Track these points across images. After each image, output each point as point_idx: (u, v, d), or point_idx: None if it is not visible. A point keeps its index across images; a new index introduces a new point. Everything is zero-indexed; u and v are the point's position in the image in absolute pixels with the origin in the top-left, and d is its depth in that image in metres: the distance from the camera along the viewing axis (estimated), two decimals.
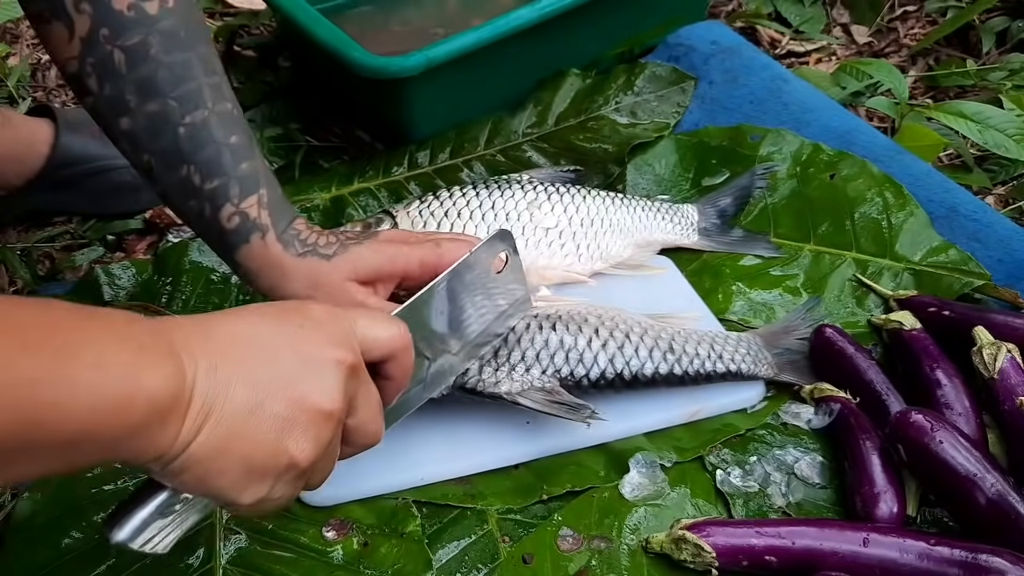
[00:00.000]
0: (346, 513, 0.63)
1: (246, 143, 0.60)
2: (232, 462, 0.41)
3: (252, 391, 0.41)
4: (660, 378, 0.68)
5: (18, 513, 0.62)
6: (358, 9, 1.09)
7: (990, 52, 1.12)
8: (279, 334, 0.44)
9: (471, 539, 0.62)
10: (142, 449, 0.38)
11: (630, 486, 0.64)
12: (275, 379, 0.42)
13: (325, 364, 0.44)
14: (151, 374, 0.37)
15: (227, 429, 0.40)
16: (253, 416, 0.41)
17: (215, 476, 0.41)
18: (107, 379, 0.36)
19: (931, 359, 0.68)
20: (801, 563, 0.58)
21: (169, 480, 0.41)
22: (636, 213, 0.83)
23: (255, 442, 0.42)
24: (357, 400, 0.47)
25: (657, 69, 1.01)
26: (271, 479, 0.43)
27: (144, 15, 0.56)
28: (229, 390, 0.41)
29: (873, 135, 0.92)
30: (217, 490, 0.42)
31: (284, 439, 0.43)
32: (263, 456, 0.42)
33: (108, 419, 0.36)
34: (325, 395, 0.44)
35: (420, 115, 0.94)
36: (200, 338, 0.41)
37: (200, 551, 0.60)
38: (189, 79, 0.58)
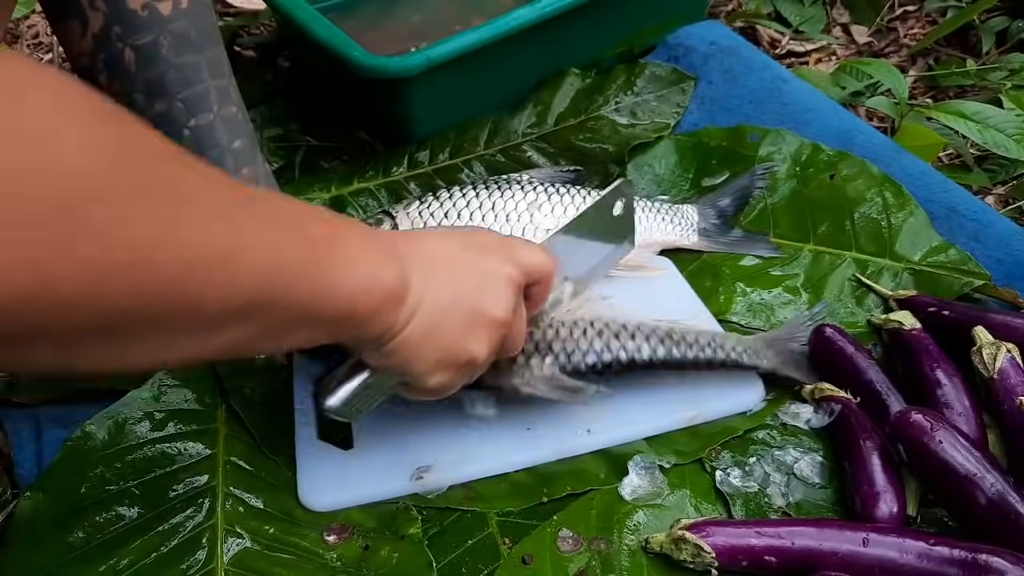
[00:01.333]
0: (347, 517, 0.63)
1: (248, 148, 0.61)
2: (430, 350, 0.50)
3: (448, 295, 0.50)
4: (658, 361, 0.68)
5: (19, 513, 0.62)
6: (358, 9, 1.09)
7: (990, 52, 1.13)
8: (465, 253, 0.53)
9: (471, 541, 0.62)
10: (372, 330, 0.47)
11: (630, 488, 0.65)
12: (463, 289, 0.51)
13: (499, 279, 0.53)
14: (386, 270, 0.46)
15: (430, 322, 0.49)
16: (448, 315, 0.50)
17: (416, 360, 0.50)
18: (360, 270, 0.44)
19: (931, 359, 0.68)
20: (801, 563, 0.58)
21: (381, 360, 0.50)
22: (636, 213, 0.83)
23: (448, 336, 0.51)
24: (516, 313, 0.55)
25: (657, 69, 1.01)
26: (453, 369, 0.53)
27: (157, 15, 0.57)
28: (432, 292, 0.49)
29: (873, 135, 0.92)
30: (415, 371, 0.51)
31: (468, 337, 0.52)
32: (453, 348, 0.51)
33: (359, 301, 0.44)
34: (500, 306, 0.53)
35: (420, 115, 0.94)
36: (412, 250, 0.50)
37: (201, 553, 0.60)
38: (197, 82, 0.58)
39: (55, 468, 0.65)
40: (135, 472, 0.65)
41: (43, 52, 1.19)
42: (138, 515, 0.62)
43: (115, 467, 0.65)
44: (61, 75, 0.30)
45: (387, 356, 0.49)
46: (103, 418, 0.68)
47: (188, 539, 0.61)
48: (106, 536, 0.61)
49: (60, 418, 0.70)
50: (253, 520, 0.62)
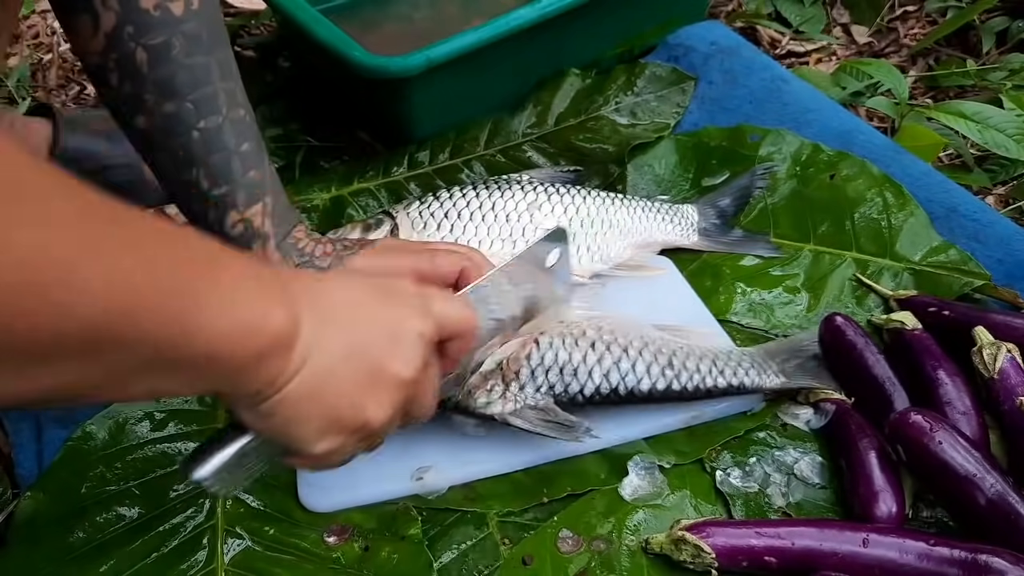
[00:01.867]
0: (347, 518, 0.63)
1: (256, 150, 0.61)
2: (317, 410, 0.44)
3: (346, 349, 0.44)
4: (658, 394, 0.66)
5: (20, 513, 0.62)
6: (358, 9, 1.09)
7: (990, 52, 1.13)
8: (373, 303, 0.48)
9: (471, 542, 0.62)
10: (248, 383, 0.41)
11: (630, 488, 0.65)
12: (365, 342, 0.46)
13: (408, 333, 0.48)
14: (275, 312, 0.40)
15: (319, 379, 0.43)
16: (342, 372, 0.44)
17: (299, 422, 0.44)
18: (240, 307, 0.38)
19: (933, 359, 0.68)
20: (801, 563, 0.58)
21: (257, 421, 0.44)
22: (636, 214, 0.83)
23: (340, 395, 0.45)
24: (426, 373, 0.50)
25: (657, 69, 1.01)
26: (345, 434, 0.46)
27: (170, 15, 0.57)
28: (326, 344, 0.43)
29: (873, 135, 0.92)
30: (297, 435, 0.45)
31: (365, 398, 0.46)
32: (344, 410, 0.45)
33: (236, 345, 0.38)
34: (405, 364, 0.47)
35: (420, 115, 0.94)
36: (309, 294, 0.44)
37: (201, 553, 0.60)
38: (207, 83, 0.58)
39: (55, 468, 0.65)
40: (135, 472, 0.65)
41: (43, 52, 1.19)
42: (138, 515, 0.62)
43: (115, 467, 0.65)
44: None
45: (264, 417, 0.43)
46: (103, 418, 0.68)
47: (188, 539, 0.61)
48: (106, 536, 0.61)
49: (60, 418, 0.70)
50: (253, 521, 0.62)
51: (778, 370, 0.69)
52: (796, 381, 0.69)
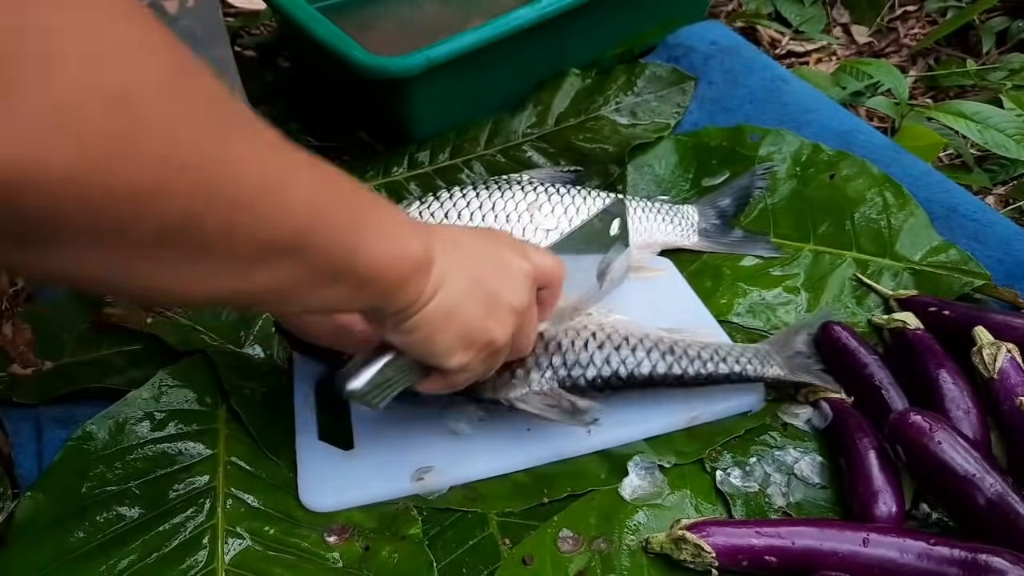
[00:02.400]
0: (347, 518, 0.63)
1: None
2: (452, 326, 0.51)
3: (470, 276, 0.52)
4: (658, 377, 0.67)
5: (20, 513, 0.62)
6: (358, 9, 1.09)
7: (990, 52, 1.13)
8: (486, 243, 0.56)
9: (472, 542, 0.62)
10: (397, 300, 0.48)
11: (630, 488, 0.65)
12: (484, 273, 0.53)
13: (517, 272, 0.56)
14: (414, 242, 0.48)
15: (452, 300, 0.50)
16: (469, 295, 0.52)
17: (437, 336, 0.51)
18: (392, 237, 0.46)
19: (935, 359, 0.68)
20: (801, 563, 0.58)
21: (403, 336, 0.51)
22: (636, 214, 0.83)
23: (470, 314, 0.52)
24: (528, 310, 0.57)
25: (657, 69, 1.01)
26: (474, 350, 0.54)
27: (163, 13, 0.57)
28: (455, 271, 0.51)
29: (873, 135, 0.92)
30: (437, 348, 0.52)
31: (488, 319, 0.53)
32: (475, 327, 0.53)
33: (389, 266, 0.46)
34: (516, 295, 0.55)
35: (420, 115, 0.94)
36: (438, 232, 0.52)
37: (201, 553, 0.60)
38: None
39: (55, 468, 0.65)
40: (136, 472, 0.65)
41: None
42: (139, 515, 0.62)
43: (116, 467, 0.65)
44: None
45: (409, 332, 0.50)
46: (104, 418, 0.68)
47: (189, 539, 0.61)
48: (107, 536, 0.61)
49: (60, 418, 0.70)
50: (254, 521, 0.62)
51: (781, 362, 0.69)
52: (796, 374, 0.69)
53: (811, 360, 0.71)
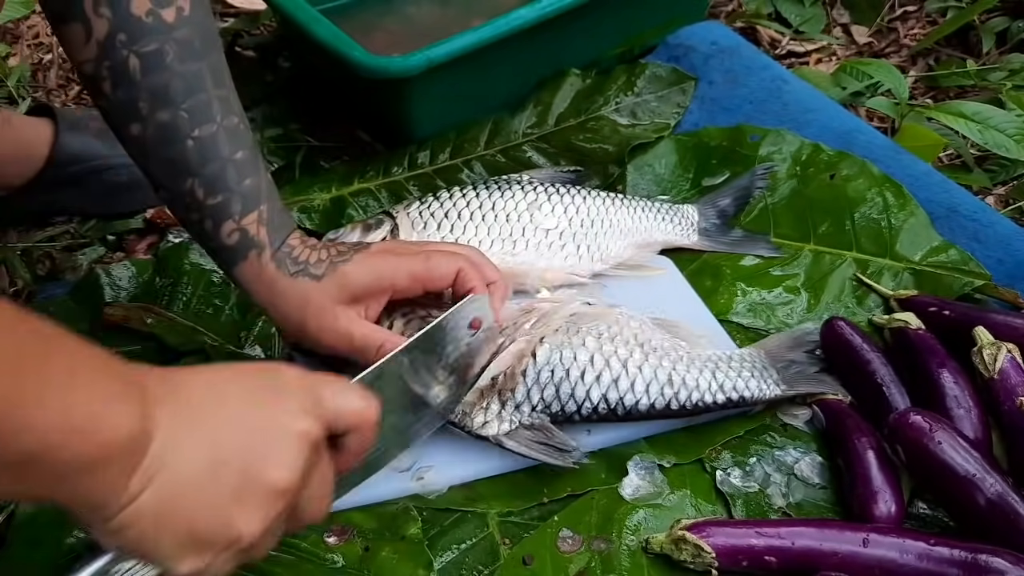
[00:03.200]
0: (347, 518, 0.63)
1: (251, 158, 0.61)
2: (175, 526, 0.39)
3: (210, 455, 0.40)
4: (655, 413, 0.66)
5: (20, 513, 0.62)
6: (358, 9, 1.09)
7: (990, 52, 1.13)
8: (249, 398, 0.43)
9: (471, 542, 0.62)
10: (88, 490, 0.37)
11: (630, 488, 0.64)
12: (236, 447, 0.41)
13: (289, 436, 0.43)
14: (118, 411, 0.37)
15: (176, 489, 0.39)
16: (206, 481, 0.40)
17: (156, 538, 0.39)
18: (74, 401, 0.35)
19: (937, 358, 0.68)
20: (801, 563, 0.58)
21: (109, 539, 0.39)
22: (636, 214, 0.83)
23: (203, 509, 0.40)
24: (312, 475, 0.45)
25: (657, 69, 1.01)
26: (212, 551, 0.41)
27: (161, 22, 0.56)
28: (187, 449, 0.39)
29: (873, 135, 0.92)
30: (156, 554, 0.40)
31: (233, 511, 0.41)
32: (209, 525, 0.40)
33: (67, 442, 0.35)
34: (284, 471, 0.42)
35: (420, 115, 0.94)
36: (169, 389, 0.40)
37: None
38: (201, 90, 0.58)
39: None
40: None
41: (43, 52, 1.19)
42: None
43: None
44: None
45: (116, 532, 0.38)
46: None
47: None
48: None
49: None
50: None
51: (778, 378, 0.68)
52: (796, 388, 0.68)
53: (808, 367, 0.70)
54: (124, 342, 0.76)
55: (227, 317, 0.80)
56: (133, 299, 0.81)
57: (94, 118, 0.90)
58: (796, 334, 0.73)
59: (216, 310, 0.80)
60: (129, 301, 0.80)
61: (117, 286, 0.82)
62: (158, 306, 0.78)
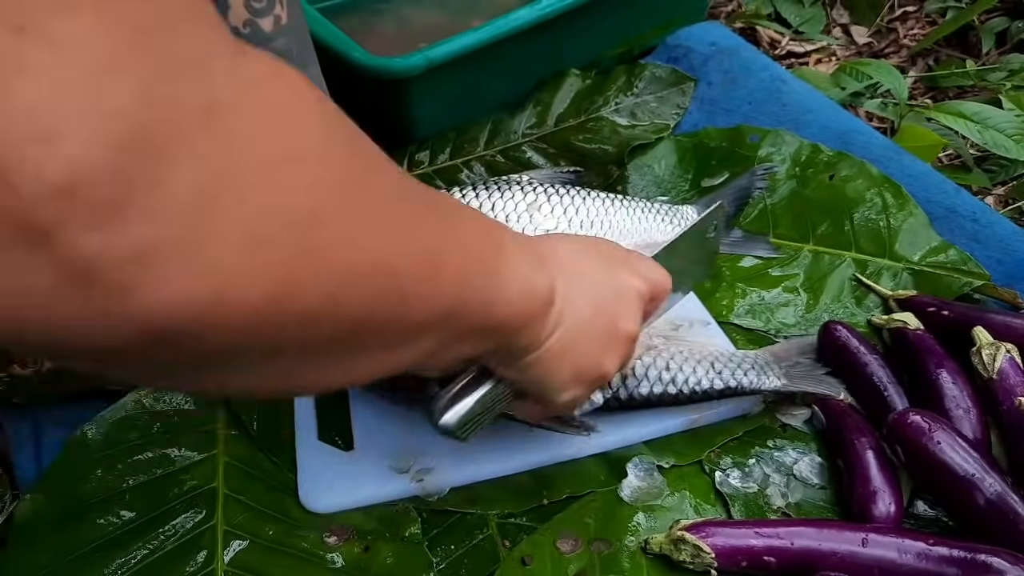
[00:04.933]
0: (346, 519, 0.63)
1: None
2: (568, 364, 0.47)
3: (588, 309, 0.47)
4: (655, 398, 0.67)
5: (20, 513, 0.62)
6: (358, 9, 1.09)
7: (990, 52, 1.13)
8: (600, 264, 0.50)
9: (471, 543, 0.62)
10: (519, 341, 0.44)
11: (629, 489, 0.65)
12: (601, 303, 0.48)
13: (630, 292, 0.51)
14: (540, 277, 0.43)
15: (572, 336, 0.46)
16: (587, 329, 0.48)
17: (552, 374, 0.47)
18: (520, 276, 0.41)
19: (936, 359, 0.68)
20: (800, 563, 0.58)
21: (516, 373, 0.47)
22: (636, 214, 0.83)
23: (586, 350, 0.48)
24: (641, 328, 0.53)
25: (656, 70, 1.01)
26: (586, 385, 0.50)
27: (260, 32, 0.55)
28: (577, 305, 0.46)
29: (872, 136, 0.93)
30: (549, 386, 0.48)
31: (603, 353, 0.49)
32: (589, 364, 0.49)
33: (517, 309, 0.42)
34: (631, 320, 0.51)
35: (420, 115, 0.94)
36: (555, 258, 0.46)
37: (201, 554, 0.60)
38: None
39: (55, 469, 0.65)
40: (135, 473, 0.65)
41: None
42: (138, 516, 0.62)
43: (115, 468, 0.65)
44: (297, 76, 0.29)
45: (523, 370, 0.46)
46: (103, 419, 0.68)
47: (188, 541, 0.61)
48: (106, 537, 0.61)
49: (60, 419, 0.70)
50: (253, 521, 0.62)
51: (780, 373, 0.69)
52: (796, 384, 0.69)
53: (813, 368, 0.70)
54: None
55: None
56: None
57: None
58: (806, 340, 0.73)
59: None
60: None
61: None
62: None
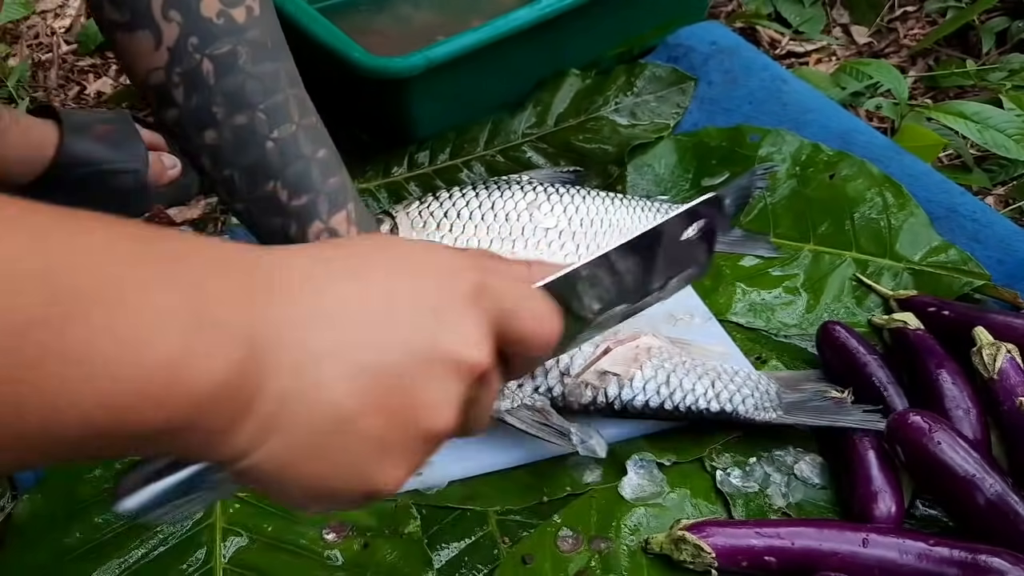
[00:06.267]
0: (345, 514, 0.63)
1: (332, 156, 0.59)
2: (293, 483, 0.31)
3: (347, 395, 0.30)
4: (650, 412, 0.66)
5: (18, 513, 0.62)
6: (358, 9, 1.09)
7: (990, 52, 1.12)
8: (400, 307, 0.32)
9: (471, 540, 0.62)
10: (198, 450, 0.30)
11: (629, 487, 0.64)
12: (380, 381, 0.31)
13: (449, 370, 0.33)
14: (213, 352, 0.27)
15: (304, 443, 0.30)
16: (340, 431, 0.31)
17: (274, 491, 0.32)
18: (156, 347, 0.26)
19: (936, 359, 0.68)
20: (800, 563, 0.58)
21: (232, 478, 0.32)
22: (636, 214, 0.83)
23: (335, 465, 0.31)
24: (469, 411, 0.35)
25: (657, 70, 1.01)
26: (342, 504, 0.34)
27: (233, 23, 0.54)
28: (317, 390, 0.30)
29: (872, 135, 0.92)
30: (280, 500, 0.33)
31: (373, 466, 0.32)
32: (341, 482, 0.32)
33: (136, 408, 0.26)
34: (441, 414, 0.33)
35: (420, 115, 0.94)
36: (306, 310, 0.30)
37: (200, 552, 0.60)
38: (277, 91, 0.56)
39: (53, 469, 0.65)
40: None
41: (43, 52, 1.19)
42: None
43: (113, 468, 0.65)
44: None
45: (238, 476, 0.31)
46: None
47: (187, 538, 0.61)
48: (104, 537, 0.60)
49: None
50: (252, 518, 0.62)
51: (778, 403, 0.67)
52: (794, 417, 0.67)
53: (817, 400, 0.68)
54: None
55: None
56: None
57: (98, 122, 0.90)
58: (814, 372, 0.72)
59: None
60: None
61: None
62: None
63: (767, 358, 0.74)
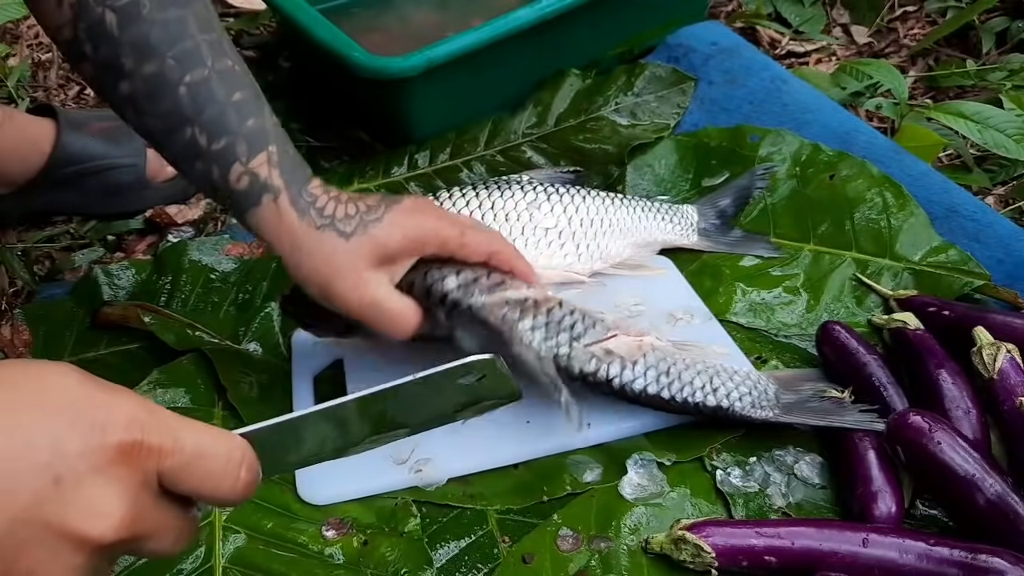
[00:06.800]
0: (345, 512, 0.63)
1: (251, 99, 0.58)
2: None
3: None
4: (646, 398, 0.65)
5: None
6: (358, 9, 1.09)
7: (990, 52, 1.13)
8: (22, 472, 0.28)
9: (471, 539, 0.62)
10: None
11: (629, 486, 0.64)
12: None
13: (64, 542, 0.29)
14: None
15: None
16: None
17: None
18: None
19: (936, 359, 0.68)
20: (801, 563, 0.58)
21: None
22: (636, 213, 0.83)
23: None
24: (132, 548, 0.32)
25: (657, 70, 1.01)
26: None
27: None
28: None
29: (872, 135, 0.92)
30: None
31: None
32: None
33: None
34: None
35: (420, 115, 0.94)
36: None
37: (199, 550, 0.60)
38: (185, 37, 0.56)
39: None
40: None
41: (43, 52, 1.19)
42: None
43: None
44: None
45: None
46: None
47: None
48: None
49: None
50: (251, 515, 0.62)
51: (775, 403, 0.67)
52: (789, 416, 0.66)
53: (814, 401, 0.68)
54: (123, 341, 0.76)
55: (226, 314, 0.80)
56: (132, 298, 0.81)
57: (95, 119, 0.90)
58: (814, 371, 0.72)
59: (215, 307, 0.80)
60: (128, 301, 0.80)
61: (116, 286, 0.82)
62: (157, 305, 0.78)
63: (767, 358, 0.74)
